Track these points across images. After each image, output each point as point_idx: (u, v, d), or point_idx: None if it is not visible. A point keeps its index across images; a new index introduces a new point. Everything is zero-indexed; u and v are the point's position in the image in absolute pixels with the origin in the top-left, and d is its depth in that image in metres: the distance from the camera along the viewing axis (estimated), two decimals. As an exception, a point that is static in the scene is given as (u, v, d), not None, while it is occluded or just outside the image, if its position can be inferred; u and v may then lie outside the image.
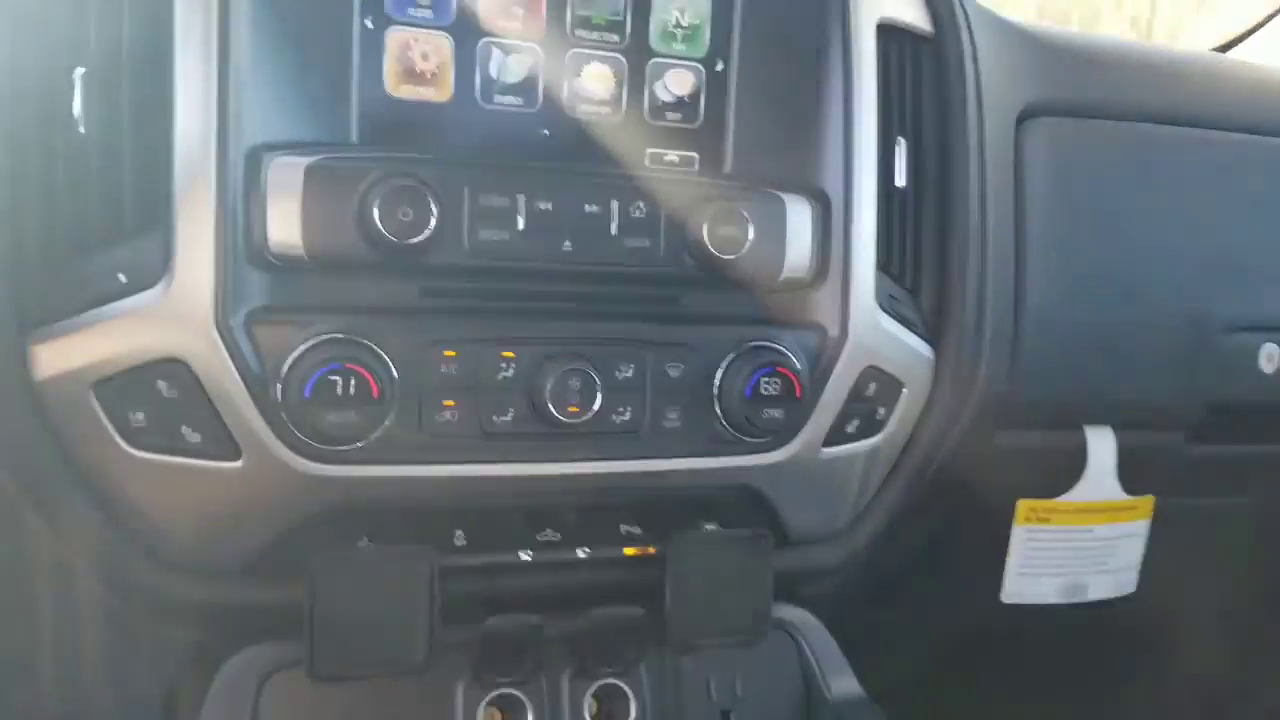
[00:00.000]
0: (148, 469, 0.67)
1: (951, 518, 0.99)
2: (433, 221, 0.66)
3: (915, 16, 0.86)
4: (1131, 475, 1.02)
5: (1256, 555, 1.23)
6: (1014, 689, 1.30)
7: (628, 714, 0.83)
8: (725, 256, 0.74)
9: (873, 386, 0.83)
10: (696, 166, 0.80)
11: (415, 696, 0.76)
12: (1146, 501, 1.05)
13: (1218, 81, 1.10)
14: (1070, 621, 1.10)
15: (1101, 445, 1.00)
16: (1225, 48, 1.47)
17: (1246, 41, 1.46)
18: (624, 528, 0.82)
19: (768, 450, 0.79)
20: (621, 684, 0.83)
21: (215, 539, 0.72)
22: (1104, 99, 0.98)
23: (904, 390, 0.86)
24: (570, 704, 0.81)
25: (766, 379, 0.76)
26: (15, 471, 0.68)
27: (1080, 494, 1.01)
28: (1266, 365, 1.04)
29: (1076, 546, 1.04)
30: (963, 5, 0.88)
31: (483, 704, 0.79)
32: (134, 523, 0.71)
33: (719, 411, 0.76)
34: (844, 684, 0.87)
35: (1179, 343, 0.99)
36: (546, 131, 0.76)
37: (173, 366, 0.65)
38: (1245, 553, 1.23)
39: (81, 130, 0.64)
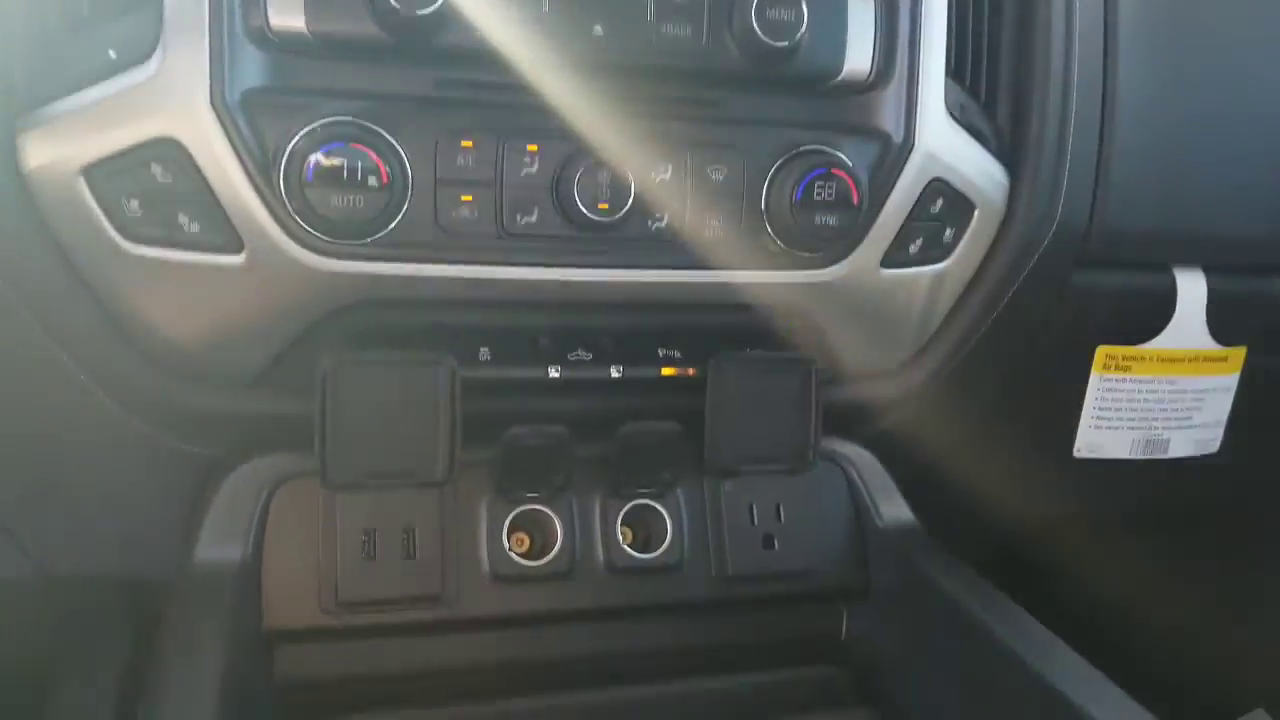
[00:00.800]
0: (145, 265, 0.63)
1: (1022, 362, 0.91)
2: None
3: None
4: (1223, 324, 0.93)
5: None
6: (1084, 555, 1.22)
7: (664, 537, 0.78)
8: (776, 44, 0.66)
9: (939, 203, 0.75)
10: None
11: (435, 512, 0.72)
12: (1238, 353, 0.95)
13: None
14: (1145, 484, 1.02)
15: (1191, 288, 0.91)
16: None
17: None
18: (662, 351, 0.75)
19: (821, 265, 0.72)
20: (658, 505, 0.78)
21: (223, 344, 0.68)
22: None
23: (975, 212, 0.77)
24: (602, 525, 0.76)
25: (820, 181, 0.68)
26: (8, 271, 0.63)
27: (1165, 341, 0.92)
28: (1384, 205, 0.92)
29: (1158, 398, 0.95)
30: None
31: (507, 520, 0.74)
32: (135, 328, 0.67)
33: (766, 219, 0.69)
34: (897, 513, 0.81)
35: (1275, 177, 0.88)
36: None
37: (166, 147, 0.60)
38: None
39: None
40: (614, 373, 0.74)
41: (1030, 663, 0.68)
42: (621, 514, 0.77)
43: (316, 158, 0.59)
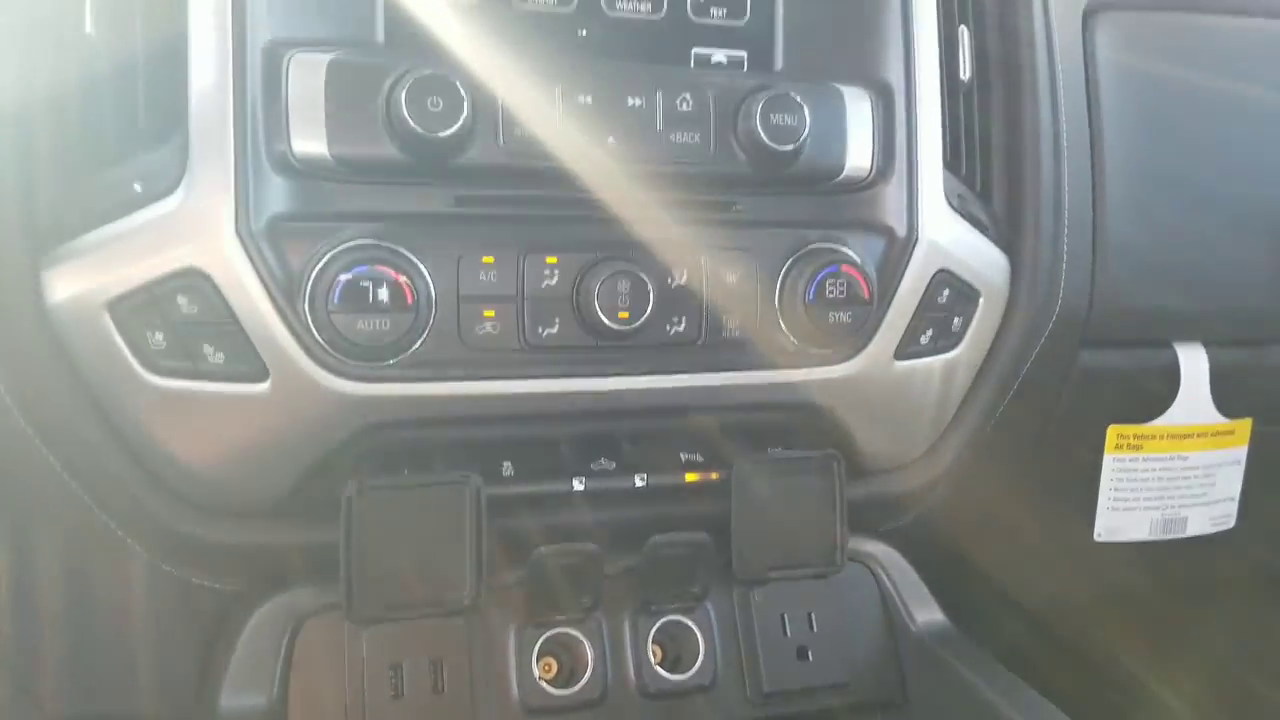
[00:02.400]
0: (169, 398, 0.61)
1: (1037, 445, 0.89)
2: (464, 111, 0.59)
3: None
4: (1227, 397, 0.92)
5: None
6: (1114, 641, 1.18)
7: (696, 655, 0.74)
8: (781, 148, 0.66)
9: (946, 293, 0.75)
10: (745, 66, 0.72)
11: (463, 642, 0.69)
12: (1244, 425, 0.94)
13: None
14: (1165, 569, 1.00)
15: (1194, 364, 0.90)
16: None
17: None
18: (684, 456, 0.73)
19: (837, 361, 0.71)
20: (687, 621, 0.74)
21: (244, 474, 0.66)
22: None
23: (980, 300, 0.77)
24: (633, 645, 0.73)
25: (832, 279, 0.68)
26: (29, 407, 0.62)
27: (1173, 417, 0.91)
28: (1368, 272, 0.92)
29: (1172, 476, 0.93)
30: None
31: (536, 646, 0.71)
32: (156, 460, 0.65)
33: (781, 319, 0.69)
34: (929, 614, 0.78)
35: (1274, 248, 0.89)
36: (583, 32, 0.68)
37: (192, 279, 0.59)
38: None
39: (90, 32, 0.59)
40: (638, 481, 0.72)
41: None
42: (652, 632, 0.74)
43: (342, 282, 0.58)
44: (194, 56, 0.59)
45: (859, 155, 0.70)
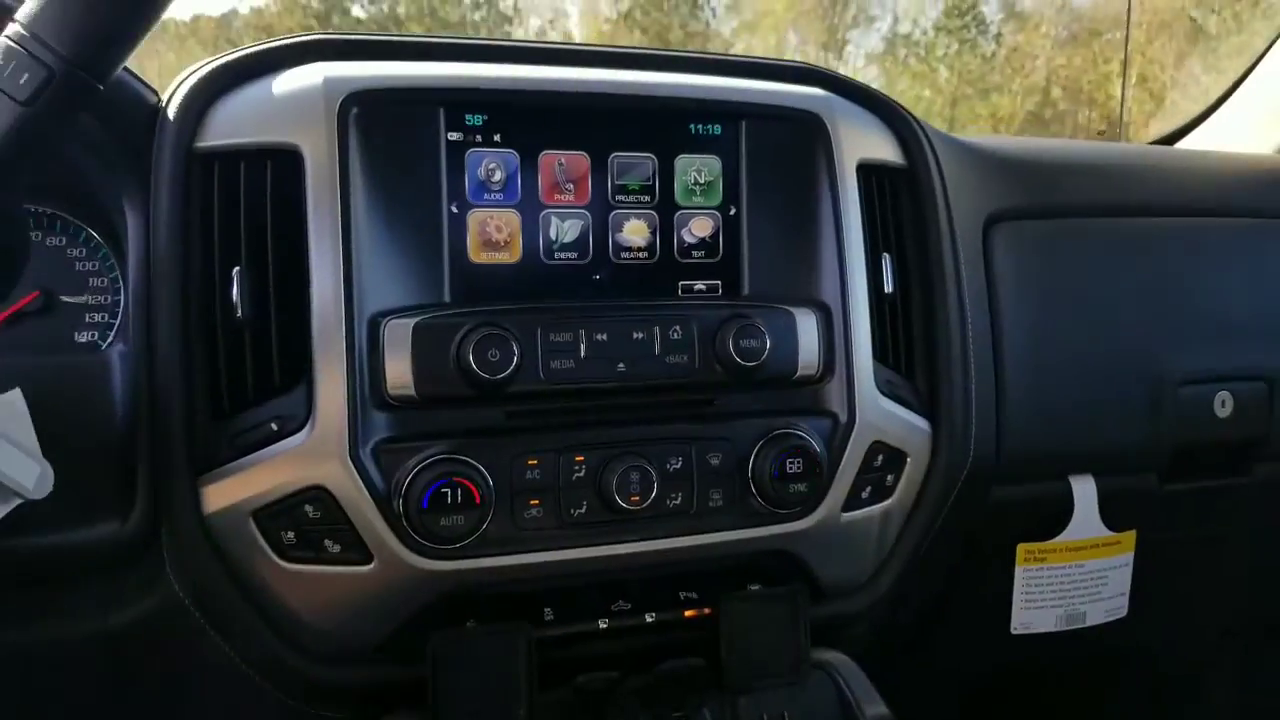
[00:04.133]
0: (296, 576, 0.78)
1: (962, 564, 1.07)
2: (514, 360, 0.77)
3: (889, 153, 0.98)
4: (1113, 514, 1.10)
5: (1232, 575, 1.30)
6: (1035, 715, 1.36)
7: None
8: (748, 364, 0.84)
9: (880, 458, 0.93)
10: (720, 292, 0.91)
11: None
12: (1129, 536, 1.12)
13: (1159, 173, 1.20)
14: (1074, 650, 1.17)
15: (1084, 491, 1.09)
16: (1170, 139, 1.58)
17: (1191, 134, 1.57)
18: (682, 594, 0.91)
19: (797, 519, 0.89)
20: None
21: (351, 629, 0.82)
22: (1058, 201, 1.08)
23: (908, 459, 0.95)
24: None
25: (791, 460, 0.86)
26: (190, 588, 0.79)
27: (1070, 535, 1.09)
28: (1221, 410, 1.12)
29: (1072, 580, 1.11)
30: (929, 138, 0.99)
31: None
32: (283, 620, 0.81)
33: (754, 490, 0.86)
34: (876, 710, 0.95)
35: (1144, 397, 1.07)
36: (598, 277, 0.87)
37: (317, 493, 0.76)
38: (1222, 574, 1.30)
39: (239, 315, 0.77)
40: (648, 618, 0.89)
41: None
42: None
43: (429, 491, 0.75)
44: (316, 328, 0.76)
45: (807, 361, 0.88)
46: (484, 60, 0.85)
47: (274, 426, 0.77)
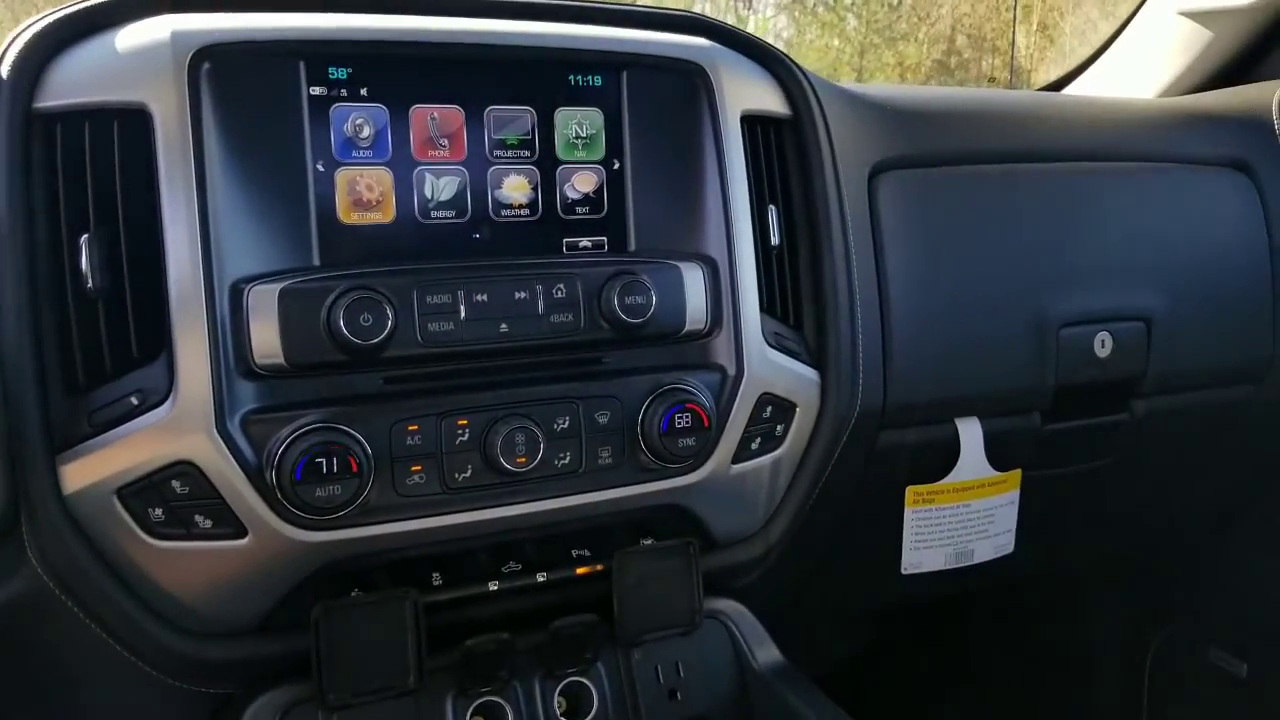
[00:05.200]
0: (168, 555, 0.75)
1: (853, 509, 1.09)
2: (389, 323, 0.74)
3: (774, 103, 0.96)
4: (998, 455, 1.11)
5: (1113, 507, 1.35)
6: (923, 651, 1.40)
7: (591, 705, 0.91)
8: (634, 321, 0.83)
9: (769, 409, 0.92)
10: (606, 248, 0.89)
11: (413, 713, 0.84)
12: (1014, 475, 1.15)
13: (1043, 119, 1.21)
14: (964, 586, 1.20)
15: (970, 433, 1.10)
16: (1058, 85, 1.59)
17: (1079, 80, 1.58)
18: (574, 551, 0.90)
19: (687, 473, 0.88)
20: (584, 680, 0.91)
21: (230, 606, 0.79)
22: (942, 149, 1.08)
23: (796, 409, 0.95)
24: (542, 703, 0.89)
25: (679, 415, 0.84)
26: (54, 573, 0.75)
27: (957, 476, 1.11)
28: (1100, 351, 1.14)
29: (960, 519, 1.14)
30: (814, 89, 0.97)
31: (469, 713, 0.87)
32: (158, 600, 0.77)
33: (643, 446, 0.85)
34: (768, 654, 0.96)
35: (1026, 340, 1.09)
36: (477, 235, 0.84)
37: (183, 467, 0.72)
38: (1105, 506, 1.34)
39: (90, 285, 0.72)
40: (540, 578, 0.88)
41: None
42: (557, 691, 0.90)
43: (302, 462, 0.72)
44: (173, 296, 0.72)
45: (695, 316, 0.86)
46: (348, 10, 0.80)
47: (134, 400, 0.73)
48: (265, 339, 0.73)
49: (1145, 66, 1.51)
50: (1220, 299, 1.20)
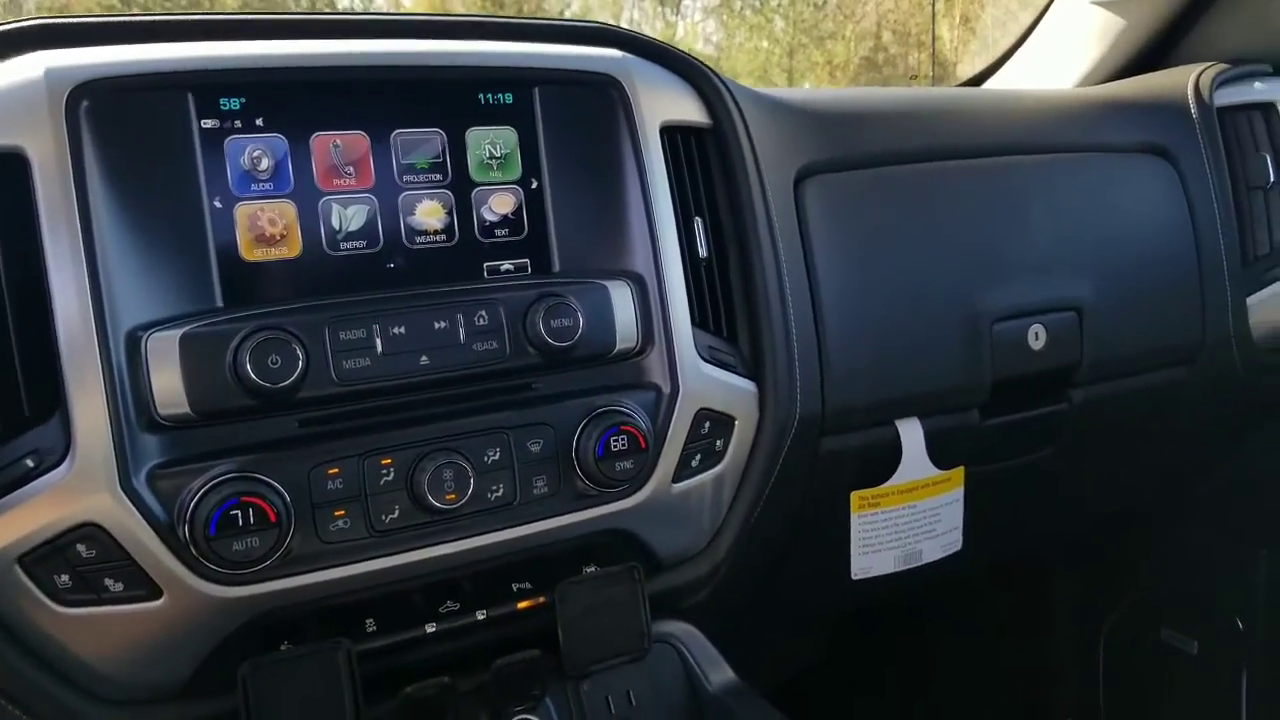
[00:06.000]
0: (78, 621, 0.70)
1: (799, 518, 1.06)
2: (299, 364, 0.70)
3: (693, 113, 0.93)
4: (940, 453, 1.10)
5: (1059, 494, 1.35)
6: (881, 659, 1.39)
7: None
8: (562, 344, 0.80)
9: (707, 425, 0.90)
10: (529, 270, 0.85)
11: None
12: (957, 473, 1.13)
13: (963, 115, 1.20)
14: (914, 585, 1.19)
15: (911, 433, 1.09)
16: (978, 79, 1.59)
17: (999, 73, 1.58)
18: (514, 585, 0.86)
19: (626, 496, 0.85)
20: (533, 717, 0.88)
21: (151, 670, 0.74)
22: (865, 151, 1.06)
23: (735, 422, 0.93)
24: None
25: (614, 437, 0.81)
26: None
27: (901, 477, 1.10)
28: (1034, 343, 1.14)
29: (906, 521, 1.12)
30: (734, 96, 0.95)
31: None
32: (72, 669, 0.73)
33: (579, 472, 0.82)
34: (721, 675, 0.93)
35: (961, 338, 1.08)
36: (391, 265, 0.80)
37: (88, 530, 0.67)
38: (1050, 494, 1.34)
39: None
40: (480, 616, 0.84)
41: None
42: None
43: (216, 516, 0.68)
44: (64, 349, 0.67)
45: (625, 335, 0.84)
46: (236, 37, 0.76)
47: (29, 463, 0.68)
48: (168, 388, 0.69)
49: (1063, 57, 1.51)
50: (1148, 283, 1.21)
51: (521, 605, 0.86)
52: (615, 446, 0.82)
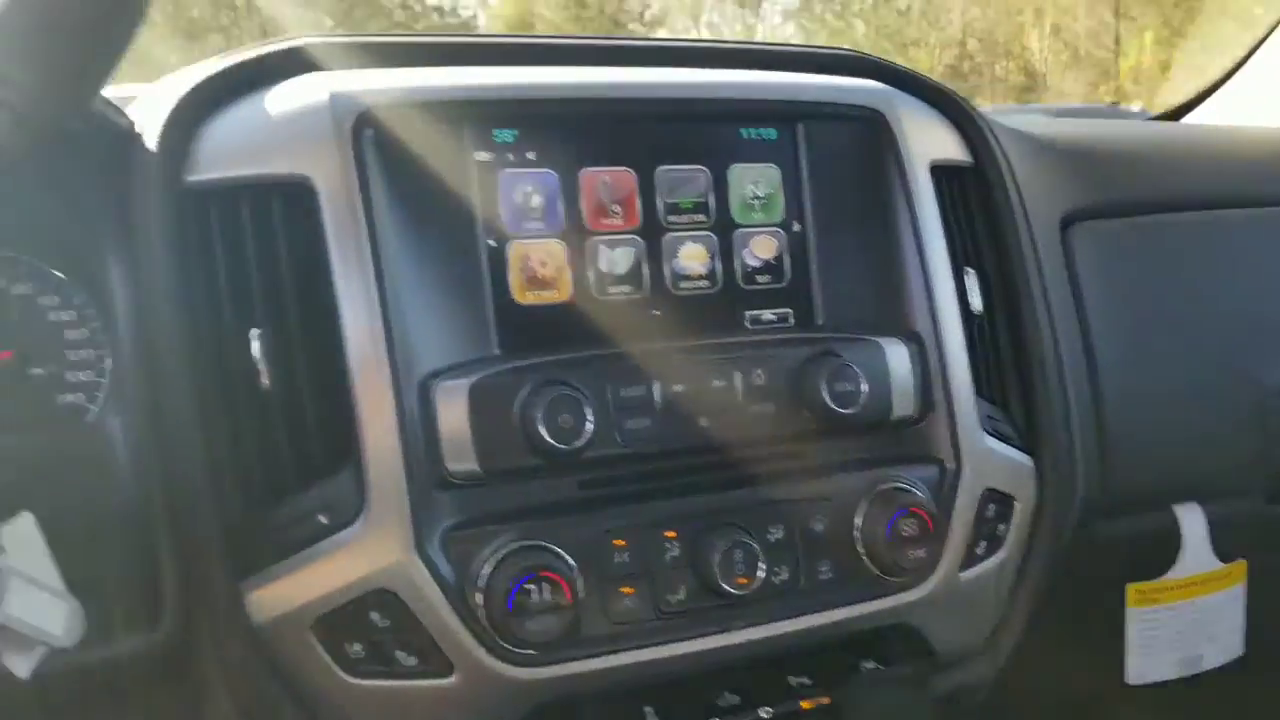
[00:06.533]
0: (368, 695, 0.64)
1: (1071, 610, 0.93)
2: (589, 424, 0.63)
3: (956, 150, 0.85)
4: (1221, 543, 0.98)
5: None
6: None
7: None
8: (844, 411, 0.71)
9: (992, 507, 0.80)
10: (791, 320, 0.77)
11: None
12: (1240, 567, 1.00)
13: (1241, 156, 1.08)
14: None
15: (1192, 521, 0.96)
16: (1176, 113, 1.43)
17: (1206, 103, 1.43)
18: (792, 679, 0.76)
19: (914, 586, 0.75)
20: None
21: None
22: (1138, 196, 0.96)
23: (1016, 504, 0.82)
24: None
25: (904, 520, 0.72)
26: (244, 708, 0.64)
27: (1181, 570, 0.96)
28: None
29: (1187, 621, 0.98)
30: (994, 134, 0.86)
31: None
32: None
33: (865, 558, 0.72)
34: None
35: (1243, 413, 0.96)
36: (656, 311, 0.73)
37: (383, 596, 0.61)
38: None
39: (264, 384, 0.62)
40: (763, 714, 0.74)
41: None
42: None
43: (514, 591, 0.60)
44: (359, 395, 0.61)
45: (903, 401, 0.74)
46: (502, 62, 0.71)
47: (323, 519, 0.62)
48: (457, 442, 0.62)
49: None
50: None
51: (806, 705, 0.74)
52: (905, 531, 0.71)
